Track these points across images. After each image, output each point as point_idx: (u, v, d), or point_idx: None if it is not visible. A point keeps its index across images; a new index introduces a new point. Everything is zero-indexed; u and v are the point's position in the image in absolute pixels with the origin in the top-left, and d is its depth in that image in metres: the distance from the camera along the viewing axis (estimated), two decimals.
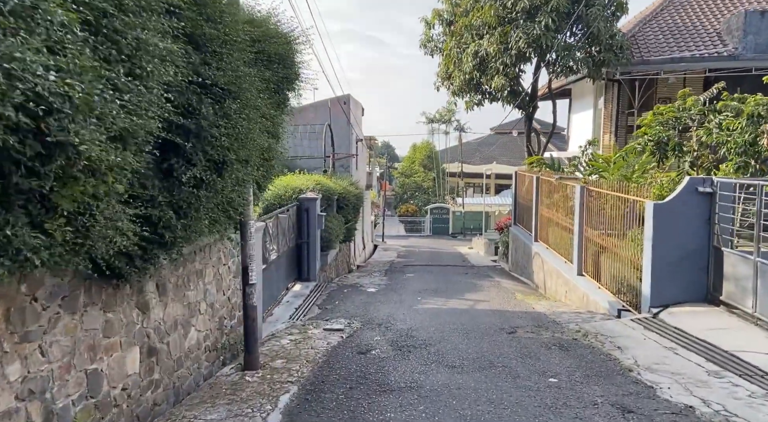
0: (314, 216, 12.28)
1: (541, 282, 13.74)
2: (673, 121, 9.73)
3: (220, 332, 6.35)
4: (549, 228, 13.68)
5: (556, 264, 12.35)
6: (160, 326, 4.91)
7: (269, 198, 12.31)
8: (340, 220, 14.72)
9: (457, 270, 17.28)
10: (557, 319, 8.36)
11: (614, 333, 6.87)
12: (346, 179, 16.51)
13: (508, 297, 11.16)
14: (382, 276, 15.12)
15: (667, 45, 17.36)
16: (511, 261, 18.62)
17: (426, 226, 43.38)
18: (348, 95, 18.04)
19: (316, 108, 18.55)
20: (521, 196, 17.79)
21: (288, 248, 11.25)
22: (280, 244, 10.50)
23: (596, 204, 10.20)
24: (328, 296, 11.12)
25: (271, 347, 6.40)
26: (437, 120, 50.72)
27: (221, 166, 4.21)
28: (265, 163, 5.71)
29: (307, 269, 12.25)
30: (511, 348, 6.37)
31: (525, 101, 18.88)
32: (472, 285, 13.11)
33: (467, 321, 8.16)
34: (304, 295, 11.00)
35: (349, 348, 6.42)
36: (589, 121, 22.38)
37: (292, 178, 13.16)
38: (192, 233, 4.19)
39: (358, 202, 16.79)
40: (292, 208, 11.73)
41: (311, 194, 12.42)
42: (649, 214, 7.60)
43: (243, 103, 4.37)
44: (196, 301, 5.74)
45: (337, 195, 15.17)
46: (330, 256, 13.83)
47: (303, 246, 12.17)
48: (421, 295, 11.18)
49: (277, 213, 10.38)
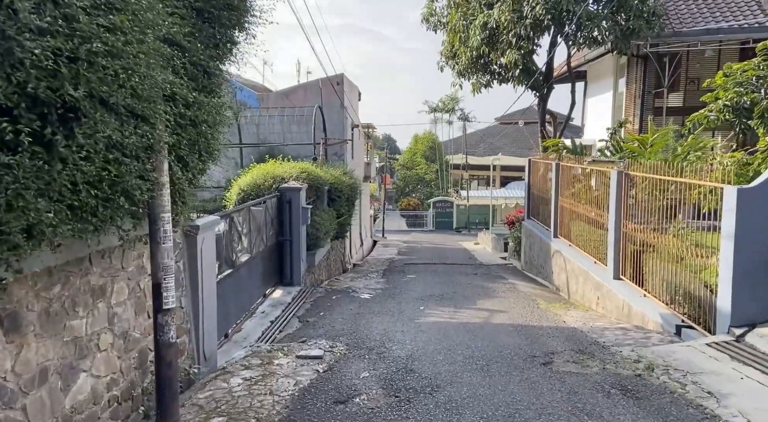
0: (298, 210, 10.38)
1: (563, 285, 11.85)
2: (755, 82, 7.58)
3: (140, 372, 4.47)
4: (573, 222, 11.77)
5: (584, 265, 10.46)
6: (4, 384, 3.05)
7: (245, 187, 10.45)
8: (331, 214, 12.81)
9: (464, 270, 15.38)
10: (600, 339, 6.48)
11: (692, 367, 4.97)
12: (339, 168, 14.58)
13: (530, 306, 9.26)
14: (380, 277, 13.23)
15: (700, 15, 15.37)
16: (525, 260, 16.73)
17: (429, 221, 41.53)
18: (341, 75, 16.07)
19: (305, 89, 16.56)
20: (536, 187, 15.88)
21: (266, 247, 9.37)
22: (253, 243, 8.62)
23: (640, 192, 8.30)
24: (312, 305, 9.23)
25: (214, 393, 4.52)
26: (440, 109, 48.47)
27: (64, 114, 2.32)
28: (192, 127, 3.81)
29: (290, 272, 10.35)
30: (553, 394, 4.48)
31: (539, 81, 16.90)
32: (484, 290, 11.22)
33: (485, 343, 6.27)
34: (284, 304, 9.12)
35: (323, 394, 4.54)
36: (607, 105, 20.38)
37: (273, 165, 11.25)
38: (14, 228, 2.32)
39: (353, 193, 14.86)
40: (271, 199, 9.83)
41: (294, 183, 10.52)
42: (731, 203, 5.69)
43: (109, 3, 2.47)
44: (91, 333, 3.86)
45: (328, 185, 13.27)
46: (318, 256, 11.92)
47: (285, 245, 10.28)
48: (424, 303, 9.28)
49: (249, 206, 8.49)
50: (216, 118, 4.18)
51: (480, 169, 46.40)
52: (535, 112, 60.09)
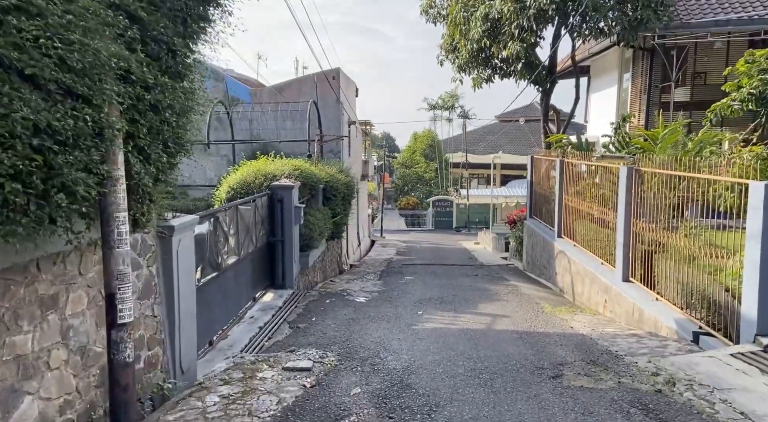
0: (290, 209, 9.89)
1: (568, 287, 11.37)
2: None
3: (102, 391, 3.98)
4: (578, 221, 11.28)
5: (590, 266, 9.98)
6: None
7: (235, 186, 9.97)
8: (326, 214, 12.33)
9: (464, 271, 14.89)
10: (612, 348, 5.99)
11: (719, 382, 4.48)
12: (335, 165, 14.08)
13: (534, 310, 8.78)
14: (377, 279, 12.74)
15: (709, 6, 14.86)
16: (527, 260, 16.24)
17: (428, 220, 41.03)
18: (337, 69, 15.55)
19: (300, 84, 16.03)
20: (539, 185, 15.39)
21: (255, 248, 8.89)
22: (242, 244, 8.14)
23: (650, 189, 7.81)
24: (305, 309, 8.75)
25: (185, 414, 4.03)
26: (440, 106, 47.84)
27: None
28: (153, 113, 3.32)
29: (282, 274, 9.87)
30: (566, 414, 3.99)
31: (542, 76, 16.39)
32: (485, 292, 10.74)
33: (488, 353, 5.78)
34: (274, 308, 8.64)
35: (308, 415, 4.05)
36: (611, 101, 19.88)
37: (264, 163, 10.76)
38: None
39: (349, 192, 14.37)
40: (261, 198, 9.34)
41: (286, 181, 10.02)
42: (757, 200, 5.20)
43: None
44: (40, 350, 3.38)
45: (323, 183, 12.79)
46: (312, 257, 11.42)
47: (276, 246, 9.79)
48: (423, 307, 8.80)
49: (236, 205, 7.99)
50: (185, 105, 3.68)
51: (480, 167, 45.91)
52: (536, 109, 59.62)
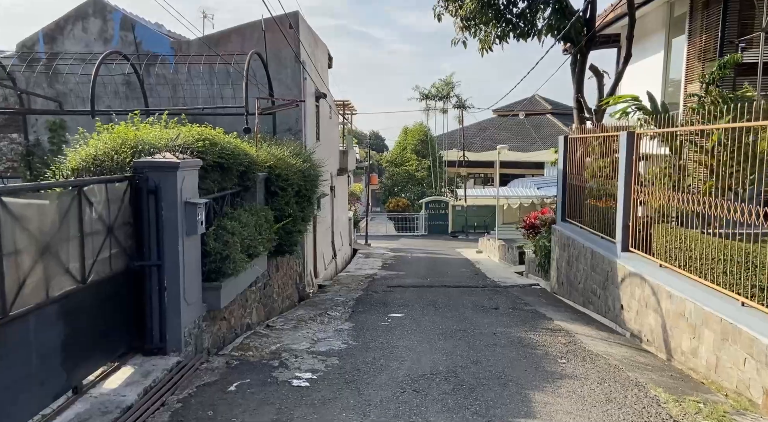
0: (174, 207, 5.38)
1: (653, 334, 6.97)
2: None
3: None
4: (665, 227, 6.90)
5: (711, 306, 5.59)
6: None
7: (79, 166, 5.54)
8: (263, 217, 7.77)
9: (476, 299, 10.43)
10: None
11: None
12: (288, 146, 9.61)
13: (648, 411, 4.32)
14: (345, 318, 8.22)
15: None
16: (558, 279, 11.83)
17: (420, 224, 36.63)
18: (296, 12, 11.06)
19: (242, 35, 11.43)
20: (577, 176, 11.01)
21: (93, 281, 4.42)
22: (36, 278, 3.65)
23: None
24: (175, 414, 4.23)
25: None
26: (433, 96, 43.16)
27: None
28: None
29: (159, 325, 5.34)
30: None
31: (578, 28, 12.02)
32: (525, 352, 6.28)
33: None
34: (112, 413, 4.15)
35: None
36: (655, 71, 15.56)
37: (143, 130, 6.23)
38: None
39: (310, 185, 9.89)
40: (105, 186, 4.85)
41: (170, 157, 5.53)
42: None
43: None
44: None
45: (265, 170, 8.36)
46: (230, 290, 6.77)
47: (147, 275, 5.29)
48: (417, 411, 4.33)
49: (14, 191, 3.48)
50: None
51: (478, 165, 41.64)
52: (536, 103, 55.08)
